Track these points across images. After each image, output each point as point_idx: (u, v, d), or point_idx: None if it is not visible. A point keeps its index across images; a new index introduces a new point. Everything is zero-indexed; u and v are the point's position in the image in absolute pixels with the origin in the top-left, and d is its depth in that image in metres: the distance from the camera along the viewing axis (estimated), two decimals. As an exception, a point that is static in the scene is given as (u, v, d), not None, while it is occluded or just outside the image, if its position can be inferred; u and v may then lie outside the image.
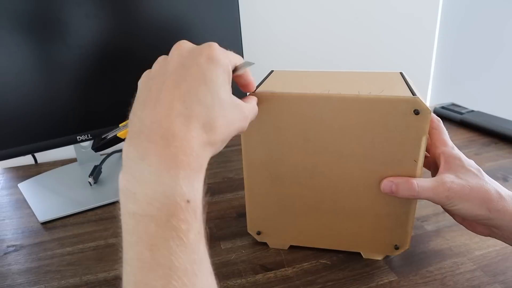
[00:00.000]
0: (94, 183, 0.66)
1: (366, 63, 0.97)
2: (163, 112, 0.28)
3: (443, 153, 0.42)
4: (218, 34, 0.67)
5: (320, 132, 0.42)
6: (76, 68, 0.59)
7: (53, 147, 0.61)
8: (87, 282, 0.46)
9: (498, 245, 0.49)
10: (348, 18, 0.91)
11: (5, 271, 0.49)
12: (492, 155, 0.74)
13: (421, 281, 0.44)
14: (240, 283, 0.45)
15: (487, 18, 0.94)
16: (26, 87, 0.56)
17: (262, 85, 0.45)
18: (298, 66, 0.91)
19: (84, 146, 0.71)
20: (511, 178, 0.66)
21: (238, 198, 0.63)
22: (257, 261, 0.49)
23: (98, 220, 0.59)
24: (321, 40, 0.91)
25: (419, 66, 1.04)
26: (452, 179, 0.39)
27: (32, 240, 0.55)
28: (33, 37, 0.54)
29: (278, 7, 0.85)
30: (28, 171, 0.76)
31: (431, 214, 0.56)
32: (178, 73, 0.30)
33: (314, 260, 0.48)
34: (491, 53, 0.95)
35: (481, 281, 0.44)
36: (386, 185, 0.41)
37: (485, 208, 0.38)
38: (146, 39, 0.62)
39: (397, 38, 0.97)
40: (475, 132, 0.85)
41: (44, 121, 0.59)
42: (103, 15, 0.58)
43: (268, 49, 0.88)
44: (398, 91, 0.40)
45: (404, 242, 0.46)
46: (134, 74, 0.63)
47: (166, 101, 0.28)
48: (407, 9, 0.95)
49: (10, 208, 0.63)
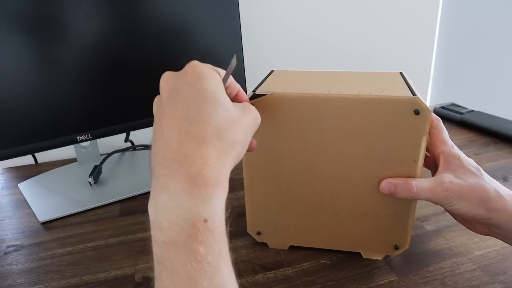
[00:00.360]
0: (94, 183, 0.66)
1: (366, 63, 0.97)
2: (170, 137, 0.28)
3: (442, 152, 0.42)
4: (218, 34, 0.67)
5: (320, 132, 0.42)
6: (76, 68, 0.59)
7: (53, 147, 0.61)
8: (87, 282, 0.47)
9: (498, 245, 0.49)
10: (348, 18, 0.91)
11: (5, 271, 0.49)
12: (492, 155, 0.74)
13: (421, 281, 0.44)
14: (240, 283, 0.45)
15: (487, 18, 0.94)
16: (26, 87, 0.56)
17: (262, 85, 0.45)
18: (298, 66, 0.91)
19: (84, 146, 0.71)
20: (511, 178, 0.66)
21: (238, 198, 0.63)
22: (257, 261, 0.49)
23: (98, 220, 0.59)
24: (321, 40, 0.91)
25: (419, 66, 1.04)
26: (450, 179, 0.39)
27: (32, 240, 0.55)
28: (33, 37, 0.54)
29: (278, 7, 0.85)
30: (28, 171, 0.76)
31: (431, 214, 0.56)
32: (171, 98, 0.30)
33: (314, 260, 0.48)
34: (491, 53, 0.95)
35: (481, 281, 0.44)
36: (385, 186, 0.41)
37: (483, 207, 0.38)
38: (146, 39, 0.62)
39: (397, 38, 0.97)
40: (475, 132, 0.85)
41: (44, 121, 0.59)
42: (103, 15, 0.58)
43: (268, 49, 0.88)
44: (398, 91, 0.40)
45: (404, 242, 0.46)
46: (134, 74, 0.63)
47: (170, 125, 0.28)
48: (407, 9, 0.95)
49: (10, 208, 0.63)
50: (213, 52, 0.67)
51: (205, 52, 0.67)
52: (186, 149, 0.27)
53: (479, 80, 0.99)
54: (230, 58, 0.35)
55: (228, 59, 0.36)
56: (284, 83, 0.46)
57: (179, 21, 0.63)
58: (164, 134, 0.28)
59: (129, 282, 0.46)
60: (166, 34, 0.63)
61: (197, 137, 0.27)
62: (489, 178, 0.40)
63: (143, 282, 0.46)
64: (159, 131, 0.29)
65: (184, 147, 0.27)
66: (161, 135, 0.28)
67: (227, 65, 0.35)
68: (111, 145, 0.82)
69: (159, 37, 0.62)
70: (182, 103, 0.29)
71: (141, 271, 0.48)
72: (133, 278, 0.47)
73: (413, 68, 1.02)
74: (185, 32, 0.64)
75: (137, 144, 0.85)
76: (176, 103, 0.29)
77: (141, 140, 0.86)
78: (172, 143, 0.27)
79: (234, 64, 0.35)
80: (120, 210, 0.61)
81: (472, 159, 0.42)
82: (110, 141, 0.81)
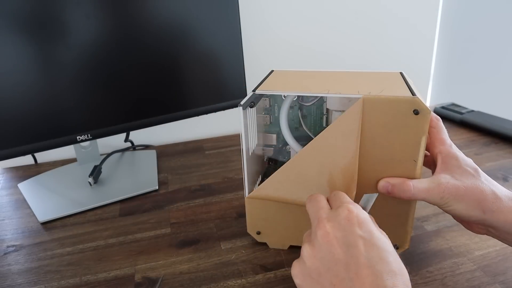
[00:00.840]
0: (94, 183, 0.66)
1: (366, 63, 0.97)
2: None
3: (440, 152, 0.42)
4: (218, 34, 0.67)
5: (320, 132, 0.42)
6: (76, 68, 0.59)
7: (53, 147, 0.61)
8: (87, 282, 0.47)
9: (498, 245, 0.49)
10: (348, 19, 0.91)
11: (5, 271, 0.49)
12: (492, 155, 0.74)
13: (421, 281, 0.44)
14: (240, 283, 0.45)
15: (487, 18, 0.94)
16: (26, 87, 0.56)
17: (262, 85, 0.45)
18: (298, 66, 0.91)
19: (84, 146, 0.71)
20: (511, 178, 0.66)
21: (238, 198, 0.63)
22: (257, 261, 0.49)
23: (98, 220, 0.59)
24: (321, 40, 0.91)
25: (419, 66, 1.04)
26: (447, 179, 0.39)
27: (32, 240, 0.55)
28: (33, 37, 0.54)
29: (278, 7, 0.85)
30: (28, 171, 0.76)
31: (431, 214, 0.56)
32: (347, 259, 0.30)
33: (314, 260, 0.48)
34: (491, 53, 0.95)
35: (481, 281, 0.44)
36: (382, 186, 0.41)
37: (479, 209, 0.38)
38: (146, 39, 0.62)
39: (397, 38, 0.97)
40: (475, 132, 0.85)
41: (44, 121, 0.59)
42: (103, 15, 0.58)
43: (268, 49, 0.88)
44: (398, 91, 0.40)
45: (404, 242, 0.46)
46: (133, 74, 0.63)
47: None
48: (407, 9, 0.95)
49: (10, 208, 0.63)
50: (213, 52, 0.67)
51: (205, 52, 0.67)
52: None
53: (479, 80, 0.99)
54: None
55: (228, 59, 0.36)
56: (284, 83, 0.46)
57: (179, 21, 0.63)
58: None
59: (129, 282, 0.46)
60: (166, 34, 0.63)
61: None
62: (486, 178, 0.40)
63: (142, 283, 0.46)
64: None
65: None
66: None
67: (227, 64, 0.35)
68: (111, 145, 0.82)
69: (159, 37, 0.62)
70: (369, 271, 0.29)
71: (141, 271, 0.48)
72: (133, 278, 0.47)
73: (413, 68, 1.02)
74: (185, 32, 0.64)
75: (137, 144, 0.85)
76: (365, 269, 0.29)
77: (141, 140, 0.86)
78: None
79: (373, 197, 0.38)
80: (120, 210, 0.61)
81: (471, 159, 0.42)
82: (110, 141, 0.81)
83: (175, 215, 0.59)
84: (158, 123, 0.68)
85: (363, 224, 0.32)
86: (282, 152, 0.54)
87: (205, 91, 0.69)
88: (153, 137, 0.87)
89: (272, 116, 0.53)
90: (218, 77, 0.70)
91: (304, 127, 0.53)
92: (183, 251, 0.51)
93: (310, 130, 0.53)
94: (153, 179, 0.69)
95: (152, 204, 0.63)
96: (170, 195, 0.65)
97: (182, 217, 0.59)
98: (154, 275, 0.47)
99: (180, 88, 0.67)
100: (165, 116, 0.68)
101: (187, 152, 0.82)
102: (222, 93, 0.71)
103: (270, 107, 0.53)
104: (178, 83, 0.67)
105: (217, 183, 0.68)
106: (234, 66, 0.70)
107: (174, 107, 0.68)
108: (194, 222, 0.57)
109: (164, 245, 0.53)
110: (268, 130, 0.54)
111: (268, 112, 0.53)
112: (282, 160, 0.55)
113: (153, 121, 0.67)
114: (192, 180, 0.69)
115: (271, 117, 0.53)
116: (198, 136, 0.90)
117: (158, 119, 0.67)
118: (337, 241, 0.31)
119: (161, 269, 0.48)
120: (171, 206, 0.62)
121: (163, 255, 0.51)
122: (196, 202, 0.63)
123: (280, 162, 0.55)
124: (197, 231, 0.55)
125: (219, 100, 0.71)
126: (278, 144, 0.54)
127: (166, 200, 0.64)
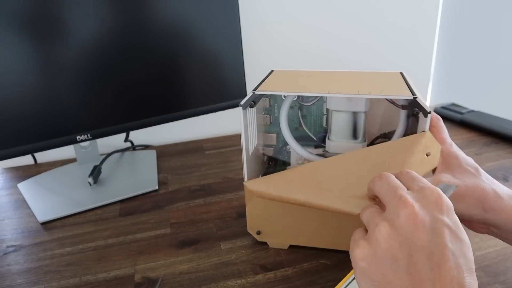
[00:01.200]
0: (93, 183, 0.66)
1: (366, 63, 0.97)
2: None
3: (440, 151, 0.42)
4: (218, 34, 0.67)
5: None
6: (76, 68, 0.58)
7: (53, 147, 0.61)
8: (87, 282, 0.46)
9: (499, 246, 0.49)
10: (348, 18, 0.91)
11: (5, 271, 0.49)
12: (493, 155, 0.74)
13: (421, 281, 0.44)
14: (240, 283, 0.45)
15: (487, 18, 0.94)
16: (26, 87, 0.56)
17: (262, 85, 0.45)
18: (298, 66, 0.91)
19: (84, 146, 0.71)
20: (511, 178, 0.65)
21: (238, 198, 0.63)
22: (257, 261, 0.49)
23: (98, 220, 0.59)
24: (321, 40, 0.91)
25: (419, 66, 1.04)
26: (448, 179, 0.39)
27: (32, 240, 0.55)
28: (33, 37, 0.54)
29: (278, 7, 0.85)
30: (27, 171, 0.76)
31: (431, 214, 0.56)
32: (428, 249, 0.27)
33: (314, 260, 0.48)
34: (491, 53, 0.95)
35: (481, 281, 0.44)
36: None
37: (481, 207, 0.38)
38: (146, 39, 0.61)
39: (398, 38, 0.97)
40: (475, 132, 0.85)
41: (44, 121, 0.59)
42: (103, 15, 0.58)
43: (268, 48, 0.88)
44: (398, 91, 0.40)
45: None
46: (133, 74, 0.63)
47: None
48: (407, 9, 0.95)
49: (9, 208, 0.63)
50: (213, 52, 0.67)
51: (205, 52, 0.66)
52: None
53: (480, 80, 0.99)
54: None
55: (228, 59, 0.36)
56: (284, 83, 0.46)
57: (179, 21, 0.63)
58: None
59: (128, 283, 0.46)
60: (166, 34, 0.63)
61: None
62: (487, 177, 0.40)
63: (142, 283, 0.46)
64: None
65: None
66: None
67: (227, 64, 0.35)
68: (110, 145, 0.82)
69: (159, 37, 0.62)
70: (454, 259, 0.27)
71: (141, 272, 0.48)
72: (133, 278, 0.47)
73: (413, 68, 1.02)
74: (185, 32, 0.64)
75: (136, 144, 0.85)
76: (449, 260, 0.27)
77: (140, 140, 0.86)
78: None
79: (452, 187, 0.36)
80: (120, 210, 0.61)
81: (472, 158, 0.42)
82: (109, 141, 0.81)
83: (175, 215, 0.59)
84: (158, 123, 0.68)
85: (450, 212, 0.29)
86: (282, 152, 0.54)
87: (205, 91, 0.69)
88: (153, 137, 0.87)
89: (272, 116, 0.53)
90: (218, 77, 0.70)
91: (304, 127, 0.52)
92: (183, 251, 0.51)
93: (310, 130, 0.53)
94: (153, 179, 0.69)
95: (152, 204, 0.62)
96: (170, 195, 0.65)
97: (182, 217, 0.59)
98: (154, 275, 0.47)
99: (180, 88, 0.67)
100: (165, 116, 0.68)
101: (187, 152, 0.82)
102: (222, 93, 0.71)
103: (270, 107, 0.53)
104: (178, 83, 0.67)
105: (217, 183, 0.68)
106: (234, 66, 0.70)
107: (174, 107, 0.68)
108: (194, 222, 0.57)
109: (164, 245, 0.52)
110: (268, 130, 0.54)
111: (268, 112, 0.53)
112: (282, 160, 0.54)
113: (153, 121, 0.67)
114: (192, 180, 0.69)
115: (271, 117, 0.53)
116: (198, 136, 0.90)
117: (158, 119, 0.67)
118: (424, 225, 0.28)
119: (161, 269, 0.48)
120: (171, 206, 0.62)
121: (163, 255, 0.51)
122: (196, 202, 0.62)
123: (280, 161, 0.55)
124: (197, 231, 0.55)
125: (219, 100, 0.71)
126: (278, 144, 0.54)
127: (166, 200, 0.63)
